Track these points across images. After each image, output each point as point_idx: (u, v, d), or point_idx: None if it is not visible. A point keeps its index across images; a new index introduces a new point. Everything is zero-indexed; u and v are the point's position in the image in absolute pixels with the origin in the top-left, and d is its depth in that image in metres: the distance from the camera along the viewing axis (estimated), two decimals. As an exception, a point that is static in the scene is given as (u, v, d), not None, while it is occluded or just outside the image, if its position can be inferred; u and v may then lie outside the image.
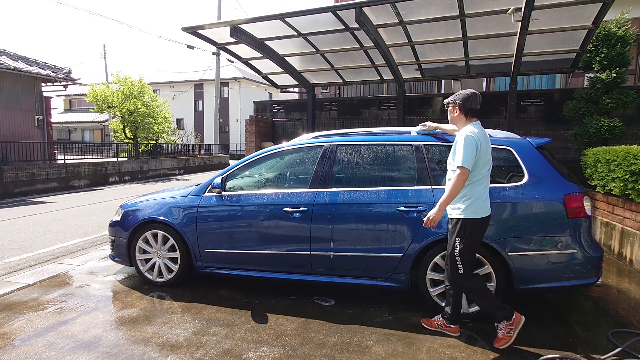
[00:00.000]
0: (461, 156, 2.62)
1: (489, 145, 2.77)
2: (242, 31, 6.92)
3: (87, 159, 15.16)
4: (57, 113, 38.22)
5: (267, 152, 3.83)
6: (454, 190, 2.63)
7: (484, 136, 2.72)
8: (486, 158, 2.72)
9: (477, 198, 2.70)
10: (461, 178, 2.62)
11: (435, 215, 2.66)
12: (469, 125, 2.75)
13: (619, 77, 6.46)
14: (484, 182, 2.73)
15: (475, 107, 2.79)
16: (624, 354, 2.64)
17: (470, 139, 2.65)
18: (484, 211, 2.74)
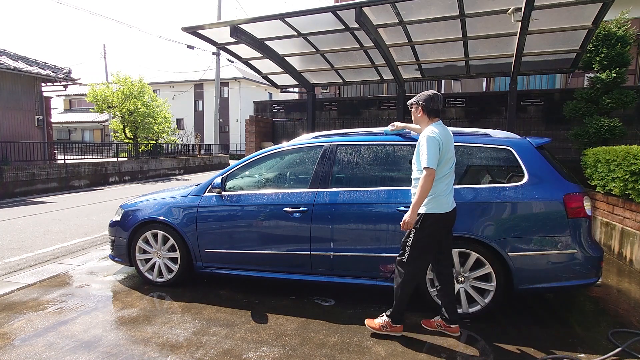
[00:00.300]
0: (426, 157, 2.71)
1: (451, 144, 2.85)
2: (242, 31, 6.92)
3: (87, 159, 15.16)
4: (57, 113, 38.22)
5: (267, 152, 3.83)
6: (423, 191, 2.71)
7: (445, 135, 2.81)
8: (448, 156, 2.81)
9: (438, 195, 2.79)
10: (428, 178, 2.70)
11: (409, 217, 2.74)
12: (430, 126, 2.84)
13: (619, 77, 6.46)
14: (446, 179, 2.81)
15: (436, 108, 2.89)
16: (624, 354, 2.64)
17: (432, 139, 2.73)
18: (445, 207, 2.81)
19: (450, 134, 2.88)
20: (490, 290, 3.09)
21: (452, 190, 2.85)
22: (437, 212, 2.78)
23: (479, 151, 3.33)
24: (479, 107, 9.29)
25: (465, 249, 3.11)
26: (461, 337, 2.91)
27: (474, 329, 3.02)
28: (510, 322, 3.15)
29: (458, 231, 3.09)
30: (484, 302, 3.11)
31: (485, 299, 3.11)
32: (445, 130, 2.85)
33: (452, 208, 2.85)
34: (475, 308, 3.14)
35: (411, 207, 2.73)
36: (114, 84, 18.60)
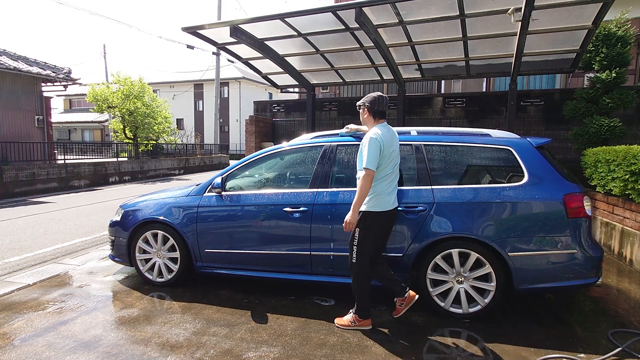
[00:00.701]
0: (365, 158, 2.83)
1: (395, 145, 2.96)
2: (242, 31, 6.92)
3: (87, 159, 15.16)
4: (57, 113, 38.23)
5: (267, 152, 3.83)
6: (362, 191, 2.84)
7: (389, 137, 2.91)
8: (391, 157, 2.92)
9: (379, 194, 2.91)
10: (367, 179, 2.82)
11: (351, 217, 2.84)
12: (374, 127, 2.96)
13: (619, 77, 6.46)
14: (388, 179, 2.93)
15: (381, 109, 3.00)
16: (624, 354, 2.64)
17: (373, 141, 2.84)
18: (386, 205, 2.92)
19: (395, 135, 3.02)
20: (490, 290, 3.09)
21: (394, 190, 2.99)
22: (378, 210, 2.91)
23: (479, 151, 3.33)
24: (479, 107, 9.29)
25: (465, 249, 3.11)
26: (461, 336, 2.91)
27: (474, 329, 3.02)
28: (510, 322, 3.15)
29: (458, 231, 3.09)
30: (484, 302, 3.10)
31: (485, 299, 3.10)
32: (389, 131, 2.96)
33: (394, 207, 2.99)
34: (475, 308, 3.14)
35: (352, 207, 2.85)
36: (114, 84, 18.60)
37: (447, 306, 3.18)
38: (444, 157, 3.34)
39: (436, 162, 3.33)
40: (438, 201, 3.17)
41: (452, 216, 3.13)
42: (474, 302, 3.15)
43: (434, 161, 3.33)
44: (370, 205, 2.91)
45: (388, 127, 2.99)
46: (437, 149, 3.36)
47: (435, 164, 3.32)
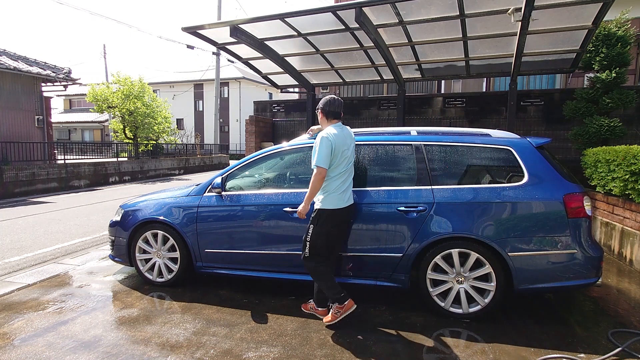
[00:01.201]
0: (316, 156, 2.94)
1: (348, 144, 3.04)
2: (242, 31, 6.92)
3: (87, 159, 15.15)
4: (57, 113, 38.23)
5: (267, 152, 3.83)
6: (313, 188, 2.96)
7: (341, 137, 3.00)
8: (344, 156, 3.00)
9: (332, 192, 2.99)
10: (317, 177, 2.93)
11: (302, 208, 3.00)
12: (328, 127, 3.05)
13: (619, 77, 6.46)
14: (341, 177, 3.01)
15: (334, 110, 3.09)
16: (624, 354, 2.64)
17: (324, 140, 2.94)
18: (339, 203, 3.00)
19: (350, 135, 3.11)
20: (490, 290, 3.09)
21: (348, 188, 3.07)
22: (330, 208, 2.98)
23: (479, 151, 3.33)
24: (479, 107, 9.29)
25: (465, 249, 3.11)
26: (461, 336, 2.92)
27: (474, 329, 3.02)
28: (510, 322, 3.15)
29: (458, 231, 3.09)
30: (484, 302, 3.10)
31: (485, 299, 3.10)
32: (343, 131, 3.06)
33: (348, 205, 3.06)
34: (475, 308, 3.14)
35: (304, 200, 2.99)
36: (114, 84, 18.59)
37: (447, 306, 3.18)
38: (444, 157, 3.34)
39: (436, 162, 3.33)
40: (438, 201, 3.17)
41: (452, 216, 3.13)
42: (474, 302, 3.15)
43: (434, 161, 3.33)
44: (324, 203, 3.00)
45: (342, 127, 3.10)
46: (437, 149, 3.36)
47: (435, 164, 3.32)
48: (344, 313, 3.01)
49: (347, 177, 3.07)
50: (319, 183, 2.94)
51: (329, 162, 2.94)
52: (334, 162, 2.98)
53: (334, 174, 3.00)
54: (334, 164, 2.99)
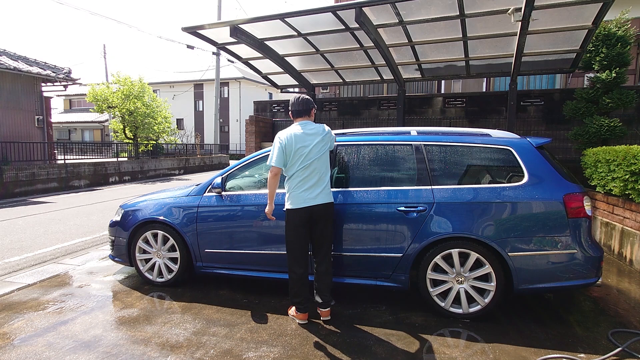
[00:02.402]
0: (269, 156, 3.07)
1: (306, 143, 3.03)
2: (242, 31, 6.92)
3: (87, 159, 15.15)
4: (57, 113, 38.23)
5: (267, 152, 3.82)
6: (269, 186, 3.06)
7: (297, 135, 3.03)
8: (297, 155, 3.01)
9: (292, 191, 3.05)
10: (270, 175, 3.04)
11: (267, 209, 3.10)
12: (291, 126, 3.14)
13: (619, 77, 6.46)
14: (299, 176, 3.02)
15: (296, 109, 3.16)
16: (624, 354, 2.64)
17: (276, 140, 3.07)
18: (300, 203, 3.01)
19: (309, 133, 3.06)
20: (490, 290, 3.09)
21: (312, 187, 3.02)
22: (293, 207, 3.03)
23: (479, 151, 3.33)
24: (479, 107, 9.29)
25: (465, 249, 3.11)
26: (461, 336, 2.92)
27: (474, 328, 3.02)
28: (510, 322, 3.15)
29: (458, 231, 3.09)
30: (484, 302, 3.10)
31: (485, 299, 3.10)
32: (304, 128, 3.07)
33: (316, 204, 3.02)
34: (475, 308, 3.14)
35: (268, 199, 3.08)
36: (114, 84, 18.59)
37: (447, 306, 3.18)
38: (444, 157, 3.34)
39: (436, 162, 3.33)
40: (438, 201, 3.17)
41: (452, 216, 3.13)
42: (474, 302, 3.15)
43: (434, 161, 3.33)
44: (288, 203, 3.06)
45: (304, 124, 3.10)
46: (437, 149, 3.36)
47: (435, 164, 3.32)
48: (295, 318, 3.16)
49: (308, 176, 3.01)
50: (272, 181, 3.03)
51: (279, 161, 3.01)
52: (289, 161, 3.03)
53: (290, 174, 3.06)
54: (289, 164, 3.04)
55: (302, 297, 3.09)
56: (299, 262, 3.08)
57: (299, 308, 3.11)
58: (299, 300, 3.10)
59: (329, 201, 3.10)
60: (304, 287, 3.10)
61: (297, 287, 3.09)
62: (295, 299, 3.11)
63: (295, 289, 3.10)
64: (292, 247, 3.10)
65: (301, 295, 3.09)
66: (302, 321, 3.12)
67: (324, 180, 3.07)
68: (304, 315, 3.12)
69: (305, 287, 3.10)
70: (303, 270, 3.09)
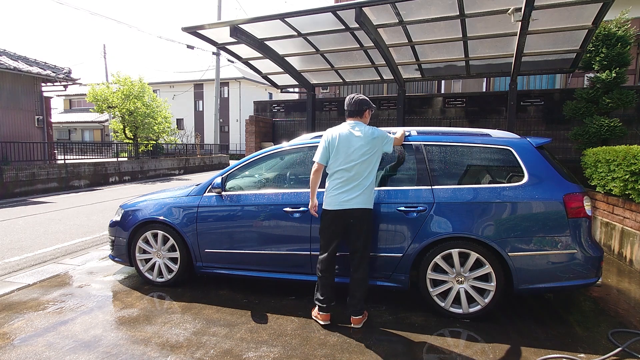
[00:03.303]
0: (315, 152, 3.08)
1: (344, 144, 2.99)
2: (242, 31, 6.92)
3: (87, 159, 15.15)
4: (57, 113, 38.23)
5: (267, 152, 3.83)
6: (310, 182, 3.08)
7: (338, 135, 3.02)
8: (338, 155, 2.99)
9: (328, 191, 3.05)
10: (312, 170, 3.06)
11: (310, 204, 3.11)
12: (341, 124, 3.12)
13: (619, 77, 6.46)
14: (336, 177, 3.00)
15: (347, 109, 3.15)
16: (624, 354, 2.64)
17: (323, 136, 3.11)
18: (333, 204, 3.00)
19: (353, 135, 3.01)
20: (490, 290, 3.09)
21: (348, 190, 2.97)
22: (326, 208, 3.04)
23: (479, 151, 3.33)
24: (479, 107, 9.29)
25: (465, 249, 3.11)
26: (461, 336, 2.92)
27: (474, 328, 3.02)
28: (510, 322, 3.15)
29: (458, 231, 3.09)
30: (484, 302, 3.10)
31: (485, 299, 3.10)
32: (347, 130, 3.03)
33: (345, 208, 2.97)
34: (475, 308, 3.14)
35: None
36: (114, 84, 18.59)
37: (447, 306, 3.18)
38: (444, 157, 3.34)
39: (436, 162, 3.33)
40: (438, 201, 3.17)
41: (452, 216, 3.13)
42: (474, 302, 3.15)
43: (434, 161, 3.33)
44: (324, 202, 3.07)
45: (354, 125, 3.06)
46: (437, 149, 3.36)
47: (435, 164, 3.32)
48: (317, 320, 3.11)
49: (349, 178, 2.97)
50: (314, 176, 3.05)
51: (322, 158, 3.02)
52: (330, 161, 3.02)
53: (331, 172, 3.05)
54: (330, 163, 3.03)
55: (325, 297, 3.05)
56: (326, 262, 3.06)
57: (320, 308, 3.06)
58: (321, 300, 3.05)
59: (365, 207, 3.00)
60: (329, 288, 3.06)
61: (321, 287, 3.06)
62: (318, 298, 3.07)
63: (319, 289, 3.07)
64: (321, 247, 3.10)
65: (324, 296, 3.05)
66: (325, 322, 3.06)
67: (364, 185, 2.98)
68: (326, 315, 3.06)
69: (329, 288, 3.06)
70: (328, 270, 3.06)
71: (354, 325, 3.05)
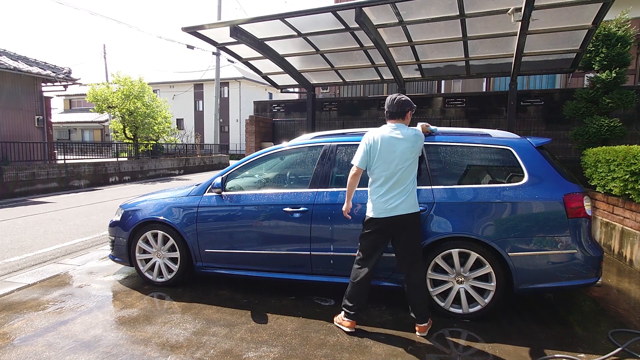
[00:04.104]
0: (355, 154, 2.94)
1: (387, 148, 2.84)
2: (242, 31, 6.92)
3: (87, 159, 15.16)
4: (57, 113, 38.23)
5: (267, 152, 3.83)
6: (348, 184, 2.95)
7: (383, 138, 2.86)
8: (380, 159, 2.84)
9: (372, 196, 2.91)
10: (351, 173, 2.93)
11: (344, 207, 3.01)
12: (382, 126, 2.98)
13: (619, 77, 6.46)
14: (378, 182, 2.88)
15: (389, 110, 2.97)
16: (624, 354, 2.64)
17: (363, 139, 2.94)
18: (378, 212, 2.86)
19: (396, 138, 2.86)
20: (490, 290, 3.09)
21: (393, 197, 2.82)
22: (371, 216, 2.89)
23: (479, 151, 3.33)
24: (479, 107, 9.29)
25: (465, 249, 3.11)
26: (461, 336, 2.92)
27: (474, 328, 3.02)
28: (510, 322, 3.15)
29: (458, 231, 3.09)
30: (484, 302, 3.10)
31: (485, 299, 3.10)
32: (389, 133, 2.88)
33: (393, 215, 2.82)
34: (475, 308, 3.14)
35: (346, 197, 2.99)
36: (114, 84, 18.60)
37: (447, 306, 3.18)
38: (444, 157, 3.34)
39: (436, 162, 3.33)
40: (438, 201, 3.17)
41: (452, 216, 3.13)
42: (474, 302, 3.15)
43: (434, 161, 3.33)
44: (368, 210, 2.93)
45: (395, 127, 2.92)
46: (437, 149, 3.36)
47: (435, 164, 3.32)
48: (341, 327, 3.02)
49: (393, 184, 2.82)
50: (352, 180, 2.91)
51: (361, 162, 2.88)
52: (371, 165, 2.88)
53: (373, 177, 2.91)
54: (372, 167, 2.88)
55: (354, 305, 2.94)
56: (363, 269, 2.94)
57: (347, 314, 2.96)
58: (351, 306, 2.95)
59: (413, 211, 2.88)
60: (362, 295, 2.96)
61: (353, 293, 2.95)
62: (347, 305, 2.96)
63: (350, 295, 2.96)
64: (361, 254, 2.97)
65: (355, 302, 2.94)
66: (350, 329, 2.95)
67: (408, 190, 2.86)
68: (352, 322, 2.96)
69: (362, 296, 2.96)
70: (365, 278, 2.93)
71: (420, 333, 2.92)
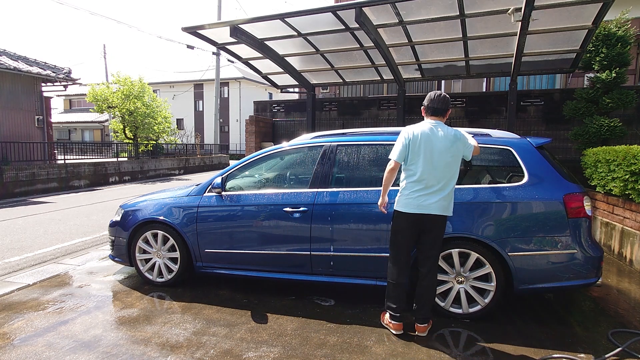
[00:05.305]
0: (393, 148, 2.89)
1: (426, 144, 2.78)
2: (242, 31, 6.92)
3: (87, 159, 15.15)
4: (57, 113, 38.23)
5: (267, 152, 3.83)
6: (384, 179, 2.89)
7: (423, 134, 2.81)
8: (418, 155, 2.79)
9: (404, 190, 2.86)
10: (388, 168, 2.86)
11: (380, 201, 2.94)
12: (422, 122, 2.93)
13: (619, 77, 6.46)
14: (412, 178, 2.82)
15: (430, 105, 2.91)
16: (624, 354, 2.64)
17: (402, 133, 2.88)
18: (409, 207, 2.82)
19: (437, 135, 2.80)
20: (490, 290, 3.09)
21: (426, 195, 2.78)
22: (400, 210, 2.87)
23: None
24: (479, 107, 9.29)
25: (465, 249, 3.11)
26: (461, 336, 2.92)
27: (474, 328, 3.02)
28: (510, 322, 3.15)
29: (458, 231, 3.09)
30: (484, 302, 3.10)
31: (485, 299, 3.10)
32: (429, 129, 2.82)
33: (423, 212, 2.78)
34: (475, 308, 3.14)
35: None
36: (114, 84, 18.60)
37: (447, 306, 3.18)
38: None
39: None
40: (438, 201, 3.16)
41: (452, 216, 3.11)
42: (474, 302, 3.15)
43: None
44: (397, 203, 2.89)
45: (436, 124, 2.84)
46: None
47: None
48: (388, 328, 2.99)
49: (429, 182, 2.76)
50: (388, 174, 2.84)
51: (400, 156, 2.81)
52: (408, 159, 2.82)
53: (407, 171, 2.86)
54: (409, 162, 2.83)
55: (398, 305, 2.91)
56: (397, 267, 2.91)
57: (393, 316, 2.93)
58: (394, 307, 2.91)
59: (444, 214, 2.82)
60: (401, 294, 2.92)
61: (393, 294, 2.92)
62: (390, 306, 2.94)
63: (391, 295, 2.93)
64: (393, 251, 2.95)
65: (397, 303, 2.91)
66: (397, 331, 2.91)
67: (444, 191, 2.79)
68: (399, 325, 2.92)
69: (402, 295, 2.92)
70: (401, 276, 2.91)
71: (419, 333, 2.91)
